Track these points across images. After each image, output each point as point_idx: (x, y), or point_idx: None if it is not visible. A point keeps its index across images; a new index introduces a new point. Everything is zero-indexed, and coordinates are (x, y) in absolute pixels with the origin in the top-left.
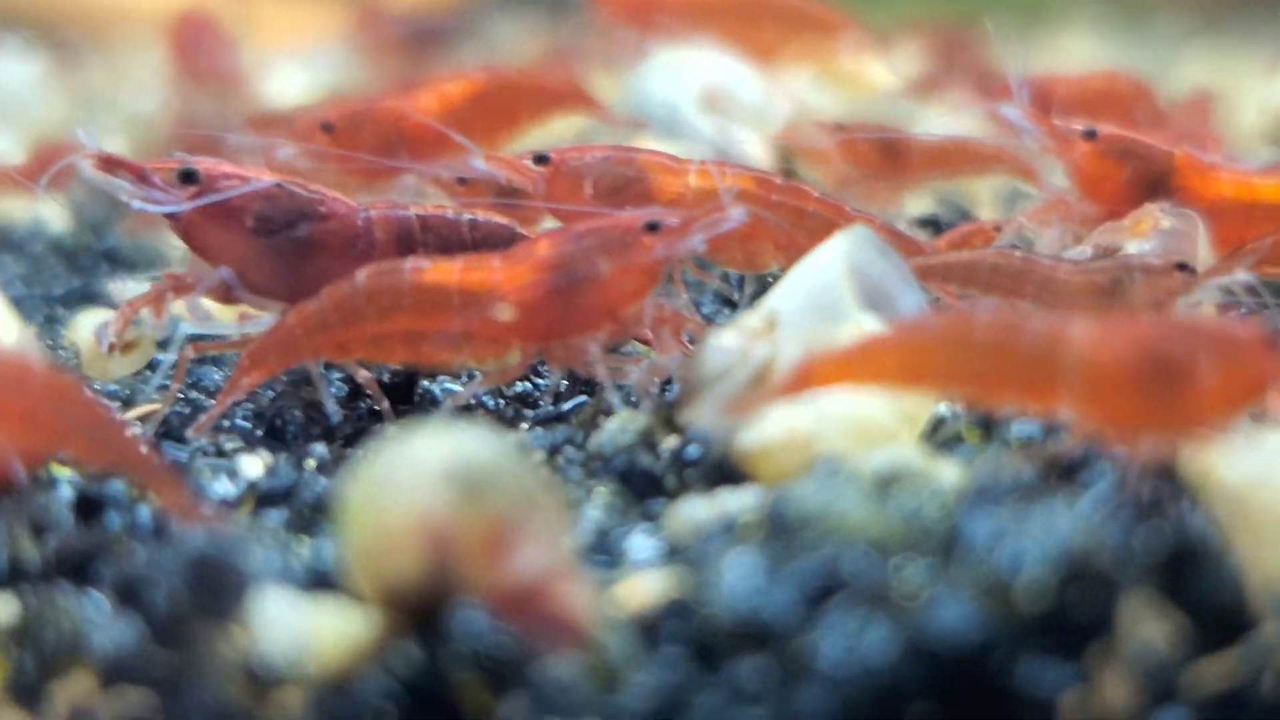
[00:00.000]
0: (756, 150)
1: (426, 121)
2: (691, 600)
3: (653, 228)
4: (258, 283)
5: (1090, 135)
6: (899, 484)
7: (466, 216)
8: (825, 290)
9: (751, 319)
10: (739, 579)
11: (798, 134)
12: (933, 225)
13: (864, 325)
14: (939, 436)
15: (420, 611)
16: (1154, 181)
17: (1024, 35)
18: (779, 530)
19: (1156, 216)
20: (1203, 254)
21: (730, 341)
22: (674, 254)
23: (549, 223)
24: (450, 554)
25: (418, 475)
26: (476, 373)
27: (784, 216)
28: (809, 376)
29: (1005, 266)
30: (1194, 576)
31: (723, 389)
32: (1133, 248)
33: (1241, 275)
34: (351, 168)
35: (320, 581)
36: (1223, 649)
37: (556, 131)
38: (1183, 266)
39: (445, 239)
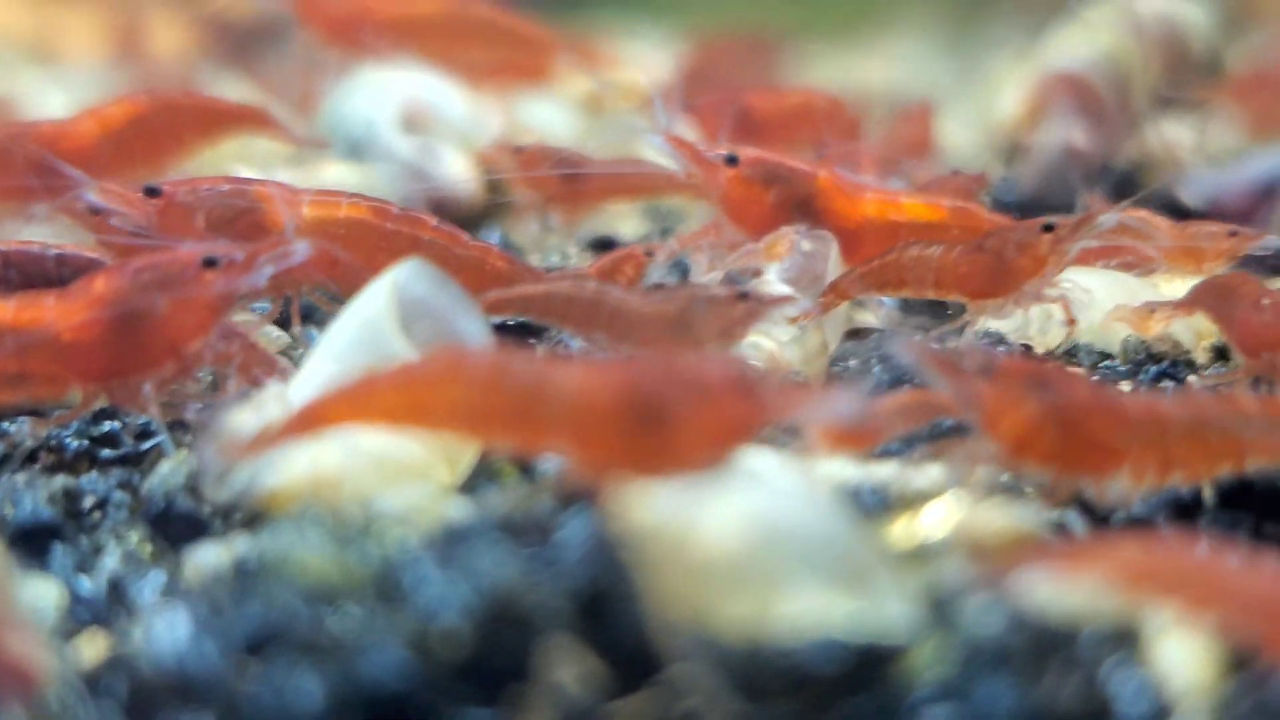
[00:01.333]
0: (460, 169)
1: (37, 151)
2: (126, 653)
3: (211, 263)
4: None
5: (732, 160)
6: (372, 528)
7: (53, 251)
8: (371, 324)
9: (267, 393)
10: (166, 630)
11: (491, 158)
12: (606, 246)
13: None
14: (479, 474)
15: None
16: (798, 204)
17: (850, 40)
18: (241, 577)
19: (792, 239)
20: (834, 274)
21: (241, 418)
22: (235, 289)
23: None
24: None
25: None
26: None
27: (400, 246)
28: (314, 417)
29: (578, 298)
30: (609, 619)
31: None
32: (771, 271)
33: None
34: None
35: None
36: (635, 692)
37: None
38: (744, 296)
39: (30, 275)
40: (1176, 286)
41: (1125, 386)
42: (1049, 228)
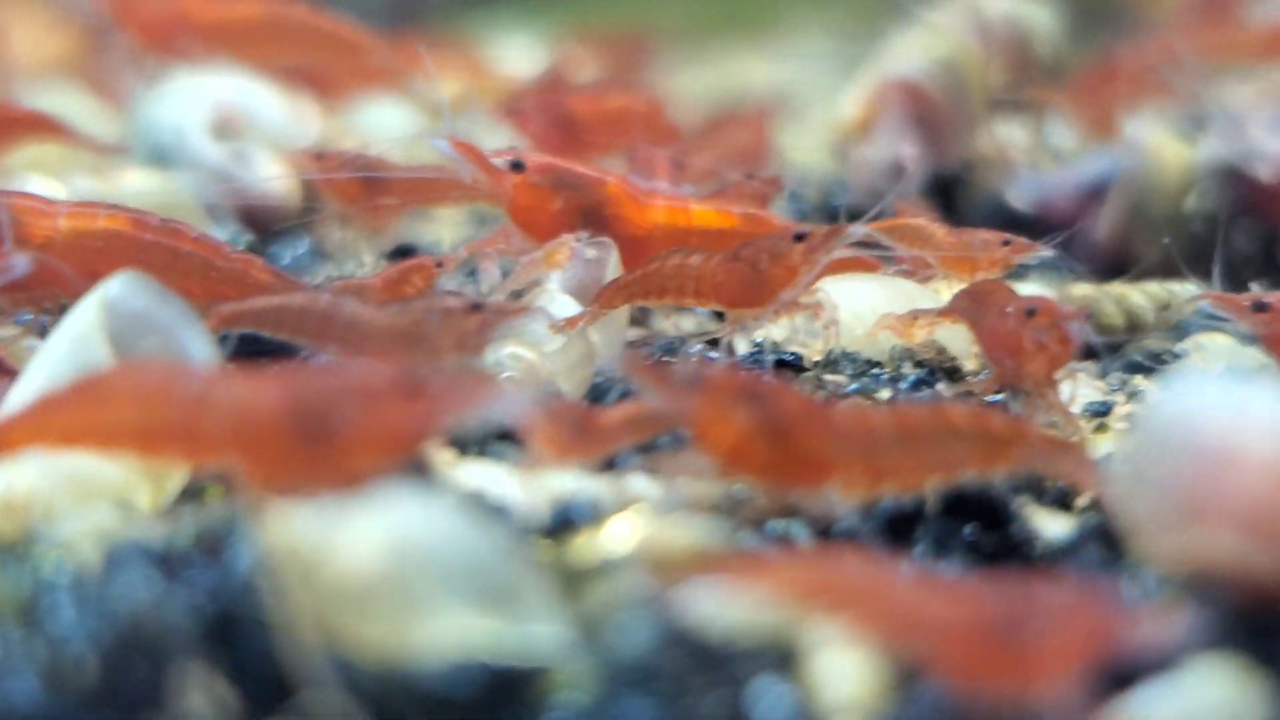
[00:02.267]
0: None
1: None
2: None
3: None
4: None
5: (518, 166)
6: (33, 552)
7: None
8: (80, 341)
9: None
10: None
11: (295, 163)
12: (406, 255)
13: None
14: (188, 494)
15: None
16: (587, 211)
17: (753, 40)
18: None
19: (572, 247)
20: None
21: None
22: None
23: None
24: None
25: None
26: None
27: (159, 257)
28: None
29: (311, 311)
30: (242, 644)
31: None
32: (552, 280)
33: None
34: None
35: None
36: (266, 719)
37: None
38: (478, 307)
39: None
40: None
41: (885, 395)
42: (800, 237)
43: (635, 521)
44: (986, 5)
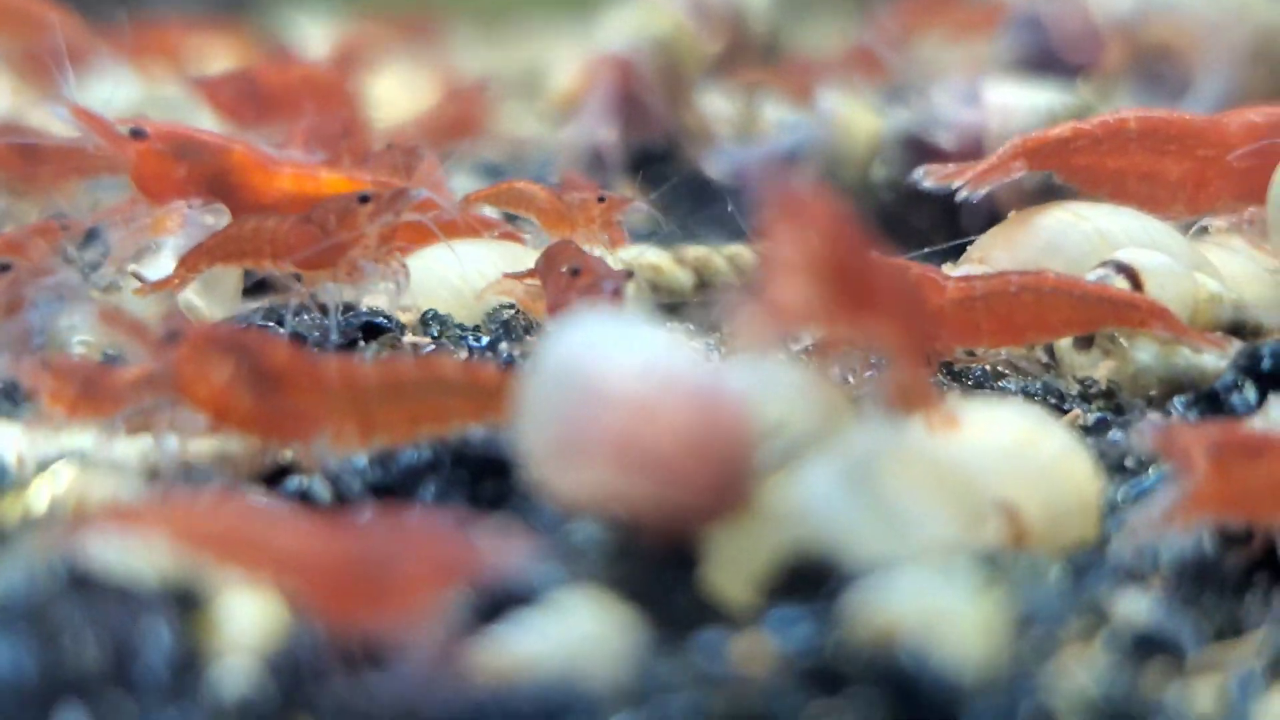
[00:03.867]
0: None
1: None
2: None
3: None
4: None
5: (139, 134)
6: None
7: None
8: None
9: None
10: None
11: None
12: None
13: None
14: None
15: None
16: (211, 179)
17: (570, 19)
18: None
19: (184, 213)
20: None
21: None
22: None
23: None
24: None
25: None
26: None
27: None
28: None
29: None
30: None
31: None
32: (167, 246)
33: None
34: None
35: None
36: None
37: None
38: (5, 268)
39: None
40: None
41: (462, 355)
42: (365, 199)
43: (62, 475)
44: None
